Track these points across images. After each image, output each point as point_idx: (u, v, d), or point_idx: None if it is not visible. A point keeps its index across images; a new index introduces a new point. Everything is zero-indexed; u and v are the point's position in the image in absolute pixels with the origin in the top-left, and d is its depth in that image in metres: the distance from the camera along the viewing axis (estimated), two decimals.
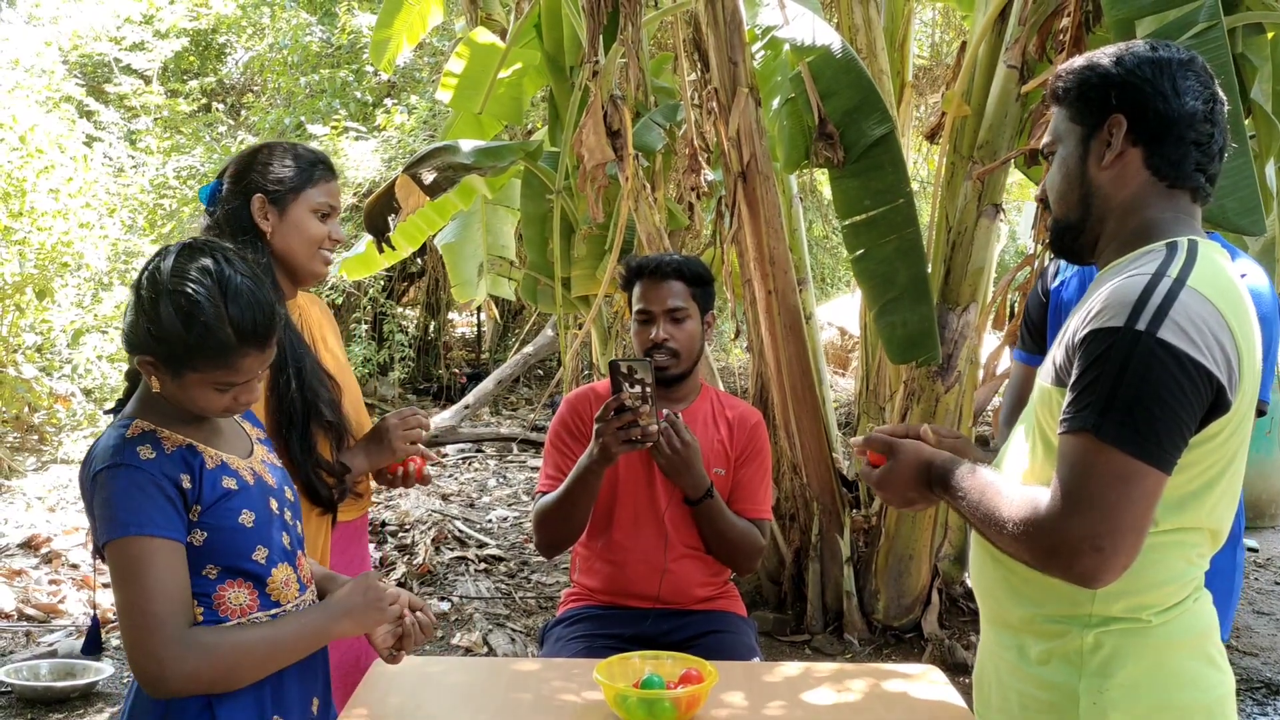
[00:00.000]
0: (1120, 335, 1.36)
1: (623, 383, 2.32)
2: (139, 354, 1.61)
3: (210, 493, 1.62)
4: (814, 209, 10.59)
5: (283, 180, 2.15)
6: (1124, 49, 1.53)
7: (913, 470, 1.62)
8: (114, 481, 1.56)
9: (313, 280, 2.22)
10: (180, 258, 1.61)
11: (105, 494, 1.56)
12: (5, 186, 7.15)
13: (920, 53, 9.03)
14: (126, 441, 1.60)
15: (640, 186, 4.27)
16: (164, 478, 1.58)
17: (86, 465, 1.61)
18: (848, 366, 11.69)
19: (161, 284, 1.58)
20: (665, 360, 2.53)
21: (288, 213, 2.15)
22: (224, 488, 1.64)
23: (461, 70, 5.24)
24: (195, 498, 1.61)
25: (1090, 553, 1.34)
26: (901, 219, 3.87)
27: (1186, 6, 2.80)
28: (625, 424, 2.31)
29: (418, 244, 5.63)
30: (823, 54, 3.91)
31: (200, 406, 1.64)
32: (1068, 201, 1.58)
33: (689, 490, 2.48)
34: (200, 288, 1.58)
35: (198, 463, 1.63)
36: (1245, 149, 2.69)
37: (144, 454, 1.59)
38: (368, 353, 9.85)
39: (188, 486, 1.60)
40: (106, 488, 1.57)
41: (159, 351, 1.59)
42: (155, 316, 1.58)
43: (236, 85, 11.61)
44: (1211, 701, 1.47)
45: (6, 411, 7.62)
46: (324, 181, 2.20)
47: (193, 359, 1.58)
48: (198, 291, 1.58)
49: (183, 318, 1.56)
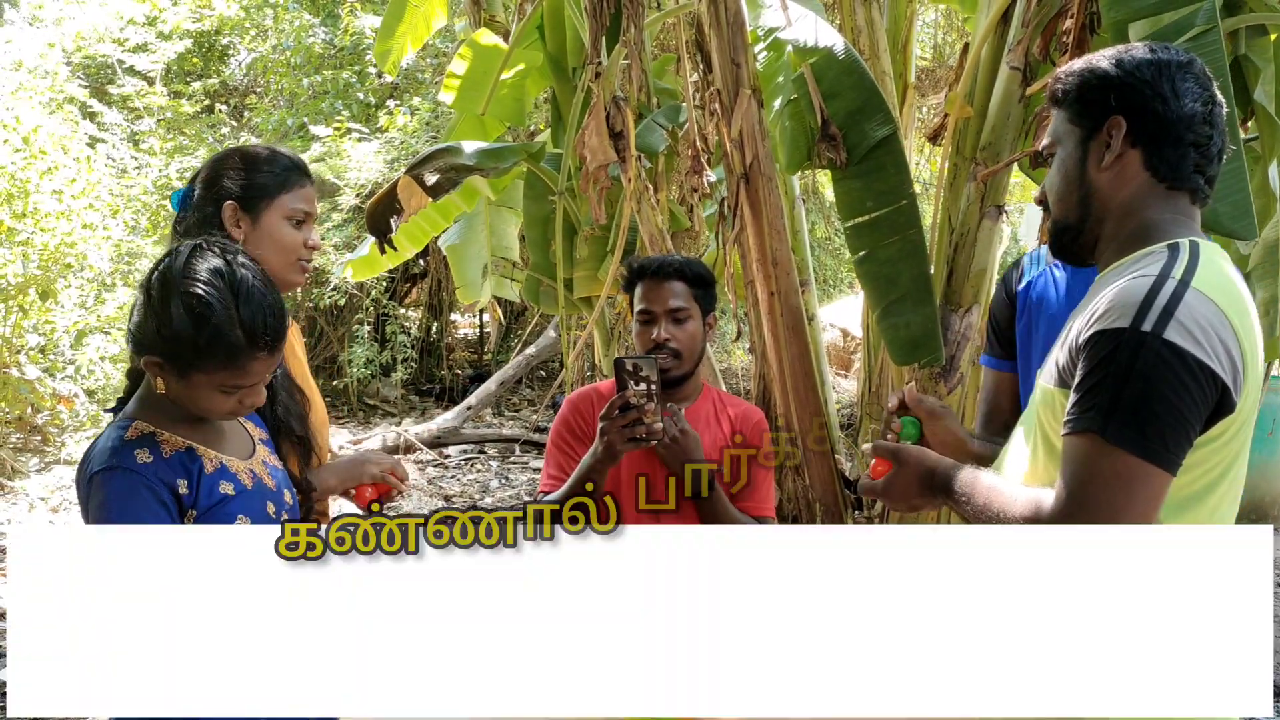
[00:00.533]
0: (1126, 336, 1.36)
1: (628, 380, 2.32)
2: (146, 354, 1.60)
3: (207, 498, 1.62)
4: (816, 210, 10.60)
5: (255, 186, 2.07)
6: (1123, 51, 1.54)
7: (917, 476, 1.63)
8: (109, 484, 1.56)
9: (288, 289, 2.14)
10: (192, 258, 1.60)
11: (100, 497, 1.56)
12: (8, 188, 7.16)
13: (923, 54, 9.03)
14: (125, 444, 1.59)
15: (643, 188, 4.27)
16: (159, 483, 1.57)
17: (84, 465, 1.61)
18: (850, 368, 11.69)
19: (173, 284, 1.58)
20: (667, 361, 2.53)
21: (261, 220, 2.08)
22: (221, 493, 1.63)
23: (464, 72, 5.24)
24: (191, 503, 1.60)
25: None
26: (904, 220, 3.86)
27: (1184, 9, 2.80)
28: (630, 422, 2.31)
29: (421, 245, 5.63)
30: (825, 55, 3.91)
31: (205, 409, 1.63)
32: (1067, 202, 1.59)
33: (691, 483, 2.48)
34: (212, 289, 1.57)
35: (196, 467, 1.62)
36: (1239, 153, 2.69)
37: (141, 458, 1.58)
38: (370, 354, 9.85)
39: (184, 492, 1.59)
40: (101, 490, 1.56)
41: (166, 352, 1.58)
42: (165, 317, 1.57)
43: (240, 86, 11.62)
44: None
45: (9, 412, 7.63)
46: (298, 187, 2.12)
47: (201, 361, 1.57)
48: (209, 293, 1.57)
49: (193, 319, 1.55)
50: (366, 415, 10.16)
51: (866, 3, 4.76)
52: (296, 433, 2.08)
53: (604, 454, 2.37)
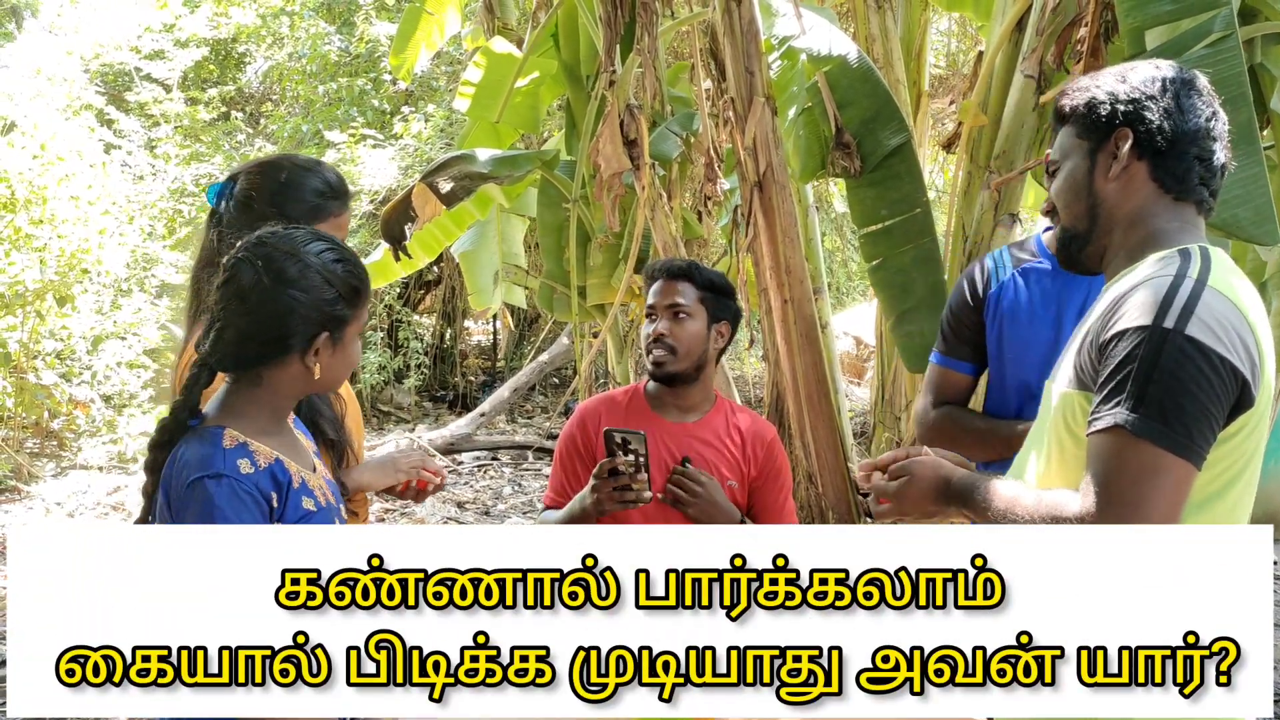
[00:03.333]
0: (1149, 333, 1.39)
1: (616, 451, 2.30)
2: (307, 343, 1.61)
3: (292, 513, 1.60)
4: (827, 222, 10.59)
5: (291, 217, 2.03)
6: (1128, 68, 1.59)
7: (930, 485, 1.64)
8: (217, 492, 1.52)
9: None
10: (281, 240, 1.65)
11: (204, 504, 1.52)
12: (26, 194, 7.22)
13: (936, 62, 9.03)
14: (226, 452, 1.56)
15: (656, 195, 4.28)
16: (259, 493, 1.56)
17: (179, 472, 1.56)
18: (863, 376, 11.67)
19: (296, 258, 1.62)
20: (661, 355, 2.49)
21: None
22: (304, 509, 1.62)
23: (479, 79, 5.26)
24: (279, 516, 1.59)
25: None
26: (918, 228, 3.87)
27: (1201, 16, 2.80)
28: (619, 486, 2.30)
29: (434, 254, 5.65)
30: (839, 63, 3.92)
31: (350, 364, 1.69)
32: (1074, 212, 1.61)
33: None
34: (323, 242, 1.66)
35: (286, 480, 1.61)
36: (1259, 159, 2.68)
37: (244, 467, 1.56)
38: (383, 360, 9.89)
39: (275, 505, 1.58)
40: (207, 498, 1.52)
41: (329, 318, 1.62)
42: (315, 283, 1.62)
43: (255, 94, 11.69)
44: None
45: (26, 417, 7.68)
46: (334, 216, 2.14)
47: (357, 305, 1.65)
48: (328, 245, 1.66)
49: (340, 268, 1.64)
50: (380, 421, 10.19)
51: (880, 11, 4.76)
52: (329, 435, 2.10)
53: (593, 508, 2.36)
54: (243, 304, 1.60)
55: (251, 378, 1.64)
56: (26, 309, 7.29)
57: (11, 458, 7.18)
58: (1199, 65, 2.44)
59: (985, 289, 2.36)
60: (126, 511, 6.48)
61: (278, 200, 2.08)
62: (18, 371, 7.25)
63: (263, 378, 1.63)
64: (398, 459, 2.24)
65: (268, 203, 2.08)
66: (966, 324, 2.39)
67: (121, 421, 7.57)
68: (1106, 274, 1.60)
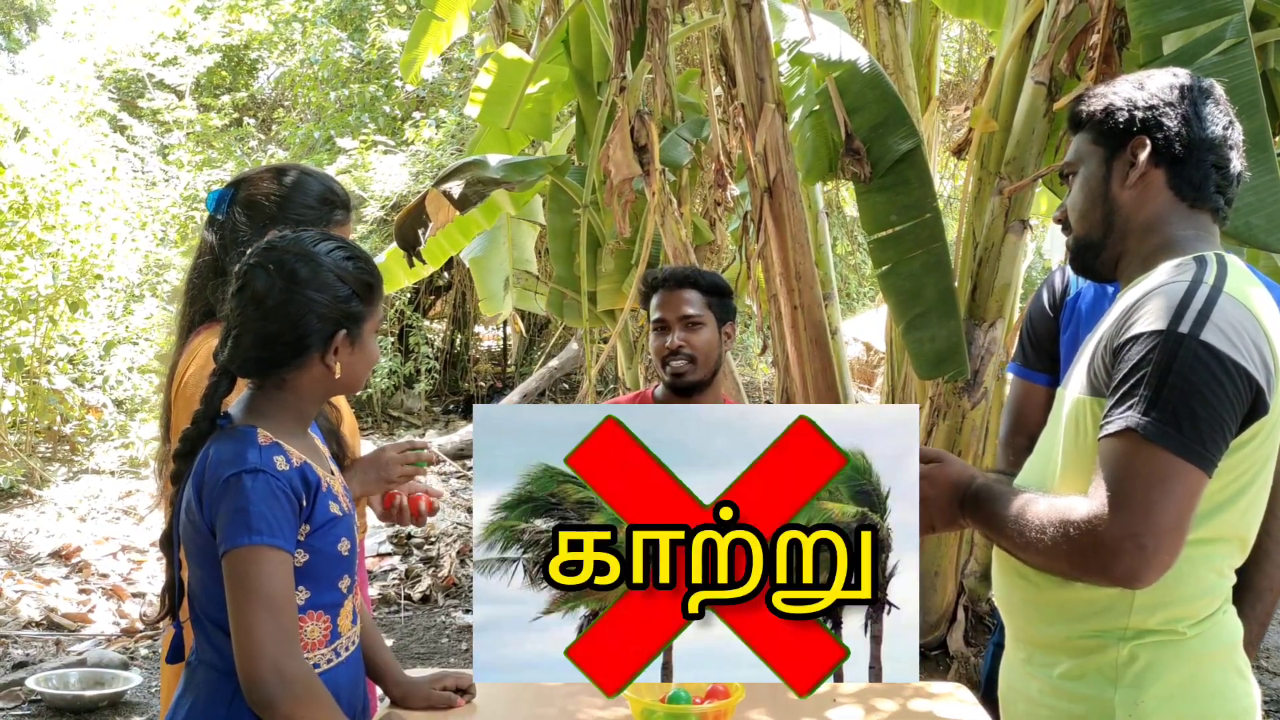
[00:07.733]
0: (1163, 338, 1.38)
1: None
2: (329, 336, 1.61)
3: (319, 515, 1.60)
4: (838, 225, 10.58)
5: (295, 224, 1.99)
6: (1145, 75, 1.58)
7: (950, 489, 1.62)
8: (254, 486, 1.52)
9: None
10: (292, 243, 1.65)
11: (239, 499, 1.51)
12: (39, 200, 7.25)
13: (947, 68, 9.01)
14: (261, 448, 1.56)
15: (667, 201, 4.28)
16: (293, 492, 1.55)
17: (213, 468, 1.55)
18: (873, 382, 11.65)
19: (310, 259, 1.62)
20: (682, 366, 2.51)
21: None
22: (331, 513, 1.62)
23: (490, 85, 5.27)
24: (307, 516, 1.58)
25: (1133, 551, 1.35)
26: (928, 234, 3.86)
27: (1215, 22, 2.79)
28: None
29: (439, 263, 5.65)
30: (849, 69, 3.91)
31: (370, 362, 1.68)
32: (1089, 219, 1.60)
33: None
34: (334, 242, 1.66)
35: (315, 482, 1.60)
36: (1272, 166, 2.67)
37: (279, 464, 1.56)
38: (393, 365, 9.91)
39: (304, 505, 1.58)
40: (243, 492, 1.51)
41: (347, 315, 1.63)
42: (329, 282, 1.62)
43: (268, 100, 11.74)
44: (1240, 711, 1.48)
45: (39, 422, 7.71)
46: (338, 225, 2.12)
47: (372, 302, 1.65)
48: (339, 244, 1.66)
49: (352, 267, 1.64)
50: (390, 426, 10.20)
51: (890, 16, 4.76)
52: (330, 449, 2.08)
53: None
54: (259, 309, 1.59)
55: (275, 382, 1.64)
56: (39, 314, 7.33)
57: (24, 462, 7.21)
58: (1212, 72, 2.43)
59: (1064, 295, 2.31)
60: (138, 516, 6.50)
61: (282, 207, 2.07)
62: (30, 376, 7.29)
63: (286, 381, 1.63)
64: (386, 449, 2.20)
65: (272, 210, 2.07)
66: (1045, 333, 2.29)
67: (133, 426, 7.60)
68: (1121, 281, 1.59)
